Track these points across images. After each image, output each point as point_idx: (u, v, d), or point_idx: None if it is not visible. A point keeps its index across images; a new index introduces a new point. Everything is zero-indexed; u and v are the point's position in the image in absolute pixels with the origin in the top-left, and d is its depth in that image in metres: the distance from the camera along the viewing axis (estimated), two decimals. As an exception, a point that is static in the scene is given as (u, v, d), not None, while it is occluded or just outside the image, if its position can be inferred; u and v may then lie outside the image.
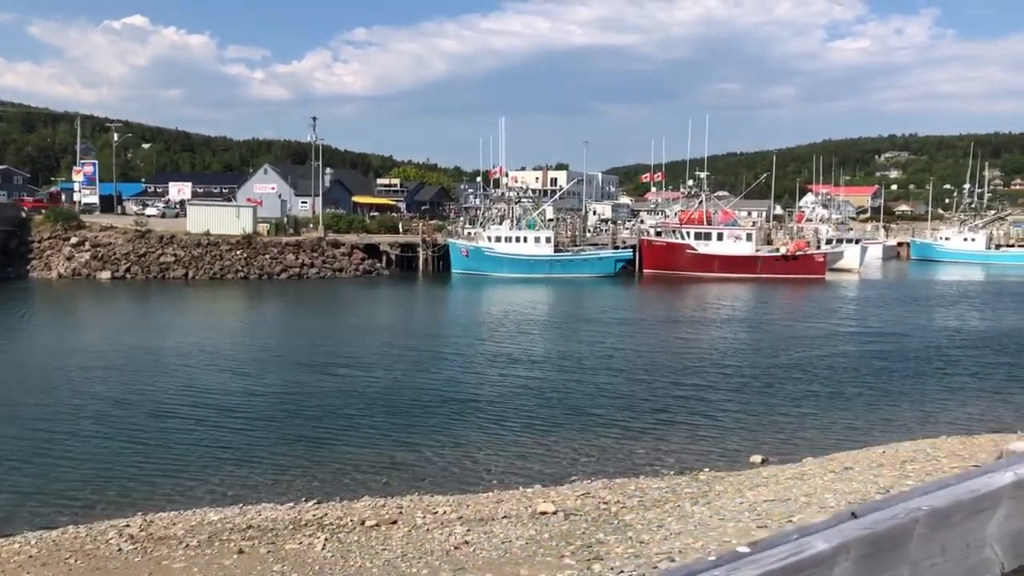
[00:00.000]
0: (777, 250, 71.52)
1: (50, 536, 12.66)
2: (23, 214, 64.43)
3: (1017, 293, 59.85)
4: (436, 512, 13.81)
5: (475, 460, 17.77)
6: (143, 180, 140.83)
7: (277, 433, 19.58)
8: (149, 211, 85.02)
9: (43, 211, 66.43)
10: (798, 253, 69.02)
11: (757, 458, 18.20)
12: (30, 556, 11.69)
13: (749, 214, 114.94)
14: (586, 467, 17.37)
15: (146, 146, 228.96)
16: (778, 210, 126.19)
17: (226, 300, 48.52)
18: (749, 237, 70.93)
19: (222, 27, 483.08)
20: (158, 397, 22.83)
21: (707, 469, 17.13)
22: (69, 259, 57.27)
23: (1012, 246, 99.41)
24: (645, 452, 18.55)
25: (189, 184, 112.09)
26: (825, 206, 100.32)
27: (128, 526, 13.03)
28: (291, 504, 14.53)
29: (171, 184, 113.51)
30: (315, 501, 14.73)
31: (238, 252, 59.83)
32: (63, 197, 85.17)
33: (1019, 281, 71.45)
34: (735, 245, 69.42)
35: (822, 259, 69.42)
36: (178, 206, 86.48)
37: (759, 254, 69.91)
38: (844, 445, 19.25)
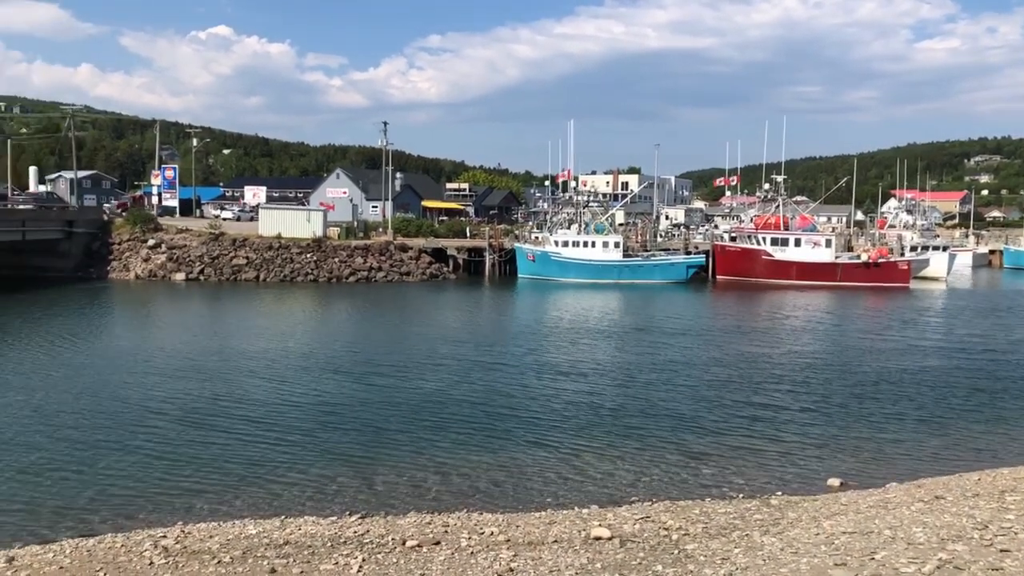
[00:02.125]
0: (858, 257, 68.56)
1: (86, 545, 12.30)
2: (105, 217, 66.47)
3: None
4: (483, 532, 12.97)
5: (529, 476, 16.87)
6: (222, 184, 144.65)
7: (329, 441, 19.08)
8: (224, 214, 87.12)
9: (124, 214, 68.43)
10: (880, 260, 65.99)
11: (835, 481, 16.84)
12: (61, 567, 11.31)
13: (828, 220, 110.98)
14: (647, 487, 16.30)
15: (226, 151, 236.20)
16: (859, 216, 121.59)
17: (294, 303, 48.84)
18: (828, 243, 68.17)
19: (302, 36, 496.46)
20: (214, 402, 22.68)
21: (779, 493, 15.88)
22: (146, 260, 58.74)
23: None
24: (712, 472, 17.35)
25: (264, 188, 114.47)
26: (910, 211, 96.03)
27: (165, 537, 12.59)
28: (334, 518, 13.91)
29: (247, 188, 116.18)
30: (359, 516, 14.07)
31: (308, 255, 60.41)
32: (145, 201, 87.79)
33: (1125, 292, 66.71)
34: (814, 251, 66.82)
35: (906, 267, 66.21)
36: (253, 210, 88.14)
37: (839, 261, 67.13)
38: (932, 470, 17.73)
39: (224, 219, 78.34)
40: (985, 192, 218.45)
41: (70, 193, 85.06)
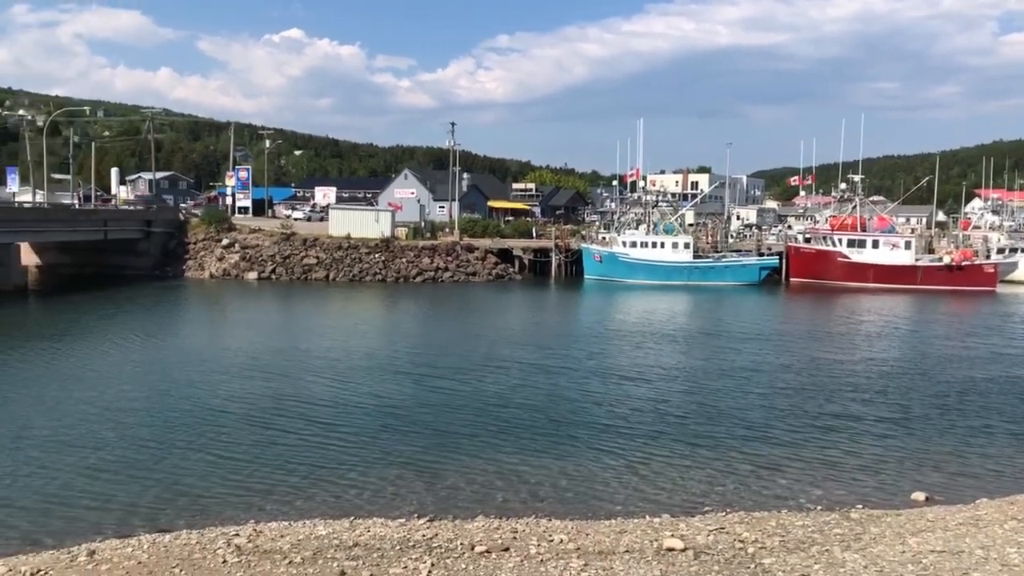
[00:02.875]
0: (940, 259, 65.96)
1: (163, 541, 12.53)
2: (181, 217, 68.54)
3: None
4: (552, 540, 12.74)
5: (597, 483, 16.56)
6: (293, 185, 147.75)
7: (396, 443, 19.11)
8: (295, 215, 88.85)
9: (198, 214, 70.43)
10: (964, 263, 63.33)
11: (920, 496, 16.07)
12: (139, 562, 11.53)
13: (908, 220, 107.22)
14: (721, 497, 15.82)
15: (297, 153, 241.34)
16: (941, 216, 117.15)
17: (362, 303, 49.47)
18: (908, 245, 65.77)
19: (372, 38, 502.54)
20: (282, 401, 22.97)
21: (859, 506, 15.23)
22: (220, 260, 60.31)
23: None
24: (787, 483, 16.75)
25: (334, 189, 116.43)
26: (996, 212, 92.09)
27: (238, 535, 12.74)
28: (403, 520, 13.88)
29: (317, 189, 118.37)
30: (427, 519, 14.01)
31: (376, 255, 61.14)
32: (219, 201, 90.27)
33: None
34: (892, 253, 64.56)
35: (992, 270, 63.39)
36: (323, 210, 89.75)
37: (919, 263, 64.70)
38: (1026, 486, 16.75)
39: (295, 219, 79.94)
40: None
41: (149, 193, 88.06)
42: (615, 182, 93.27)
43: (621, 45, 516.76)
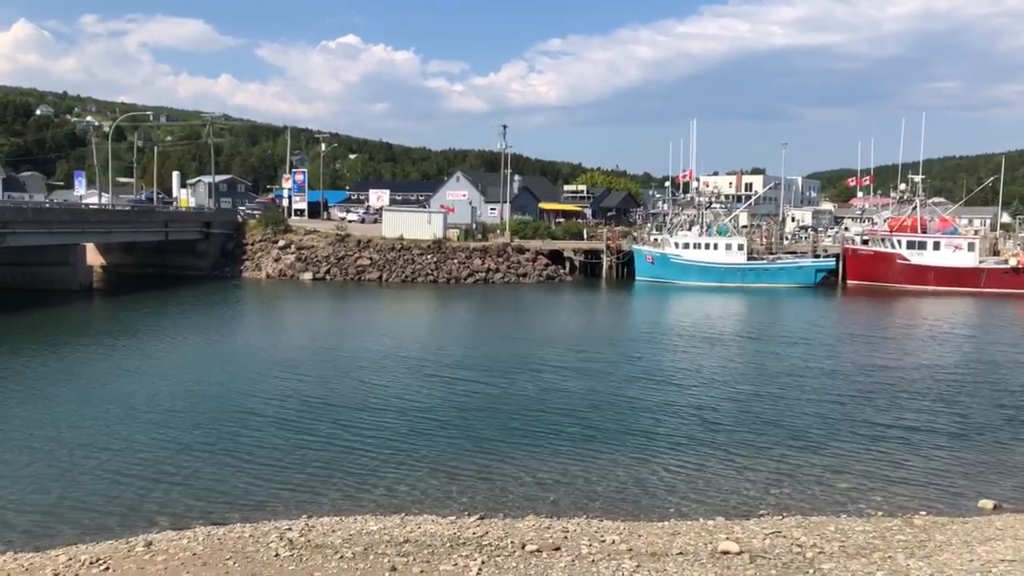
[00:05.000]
0: (1005, 262, 63.73)
1: (217, 533, 12.71)
2: (239, 218, 69.95)
3: None
4: (604, 540, 12.58)
5: (652, 483, 16.32)
6: (347, 188, 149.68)
7: (447, 441, 19.13)
8: (350, 217, 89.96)
9: (257, 215, 71.80)
10: (1031, 266, 61.09)
11: (988, 503, 15.47)
12: (194, 554, 11.71)
13: (970, 222, 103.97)
14: (777, 500, 15.46)
15: (352, 156, 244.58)
16: (1006, 218, 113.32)
17: (414, 302, 49.82)
18: (971, 247, 63.72)
19: (426, 43, 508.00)
20: (335, 398, 23.21)
21: (923, 512, 14.74)
22: (276, 260, 61.36)
23: None
24: (848, 487, 16.29)
25: (387, 192, 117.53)
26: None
27: (290, 529, 12.86)
28: (453, 518, 13.86)
29: (371, 191, 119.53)
30: (478, 516, 13.97)
31: (428, 256, 61.54)
32: (276, 203, 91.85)
33: None
34: (955, 255, 62.64)
35: (1060, 273, 61.02)
36: (376, 212, 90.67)
37: (983, 266, 62.62)
38: (1102, 494, 16.01)
39: (349, 221, 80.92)
40: None
41: (208, 196, 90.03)
42: (667, 183, 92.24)
43: (674, 47, 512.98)
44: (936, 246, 63.32)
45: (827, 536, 13.06)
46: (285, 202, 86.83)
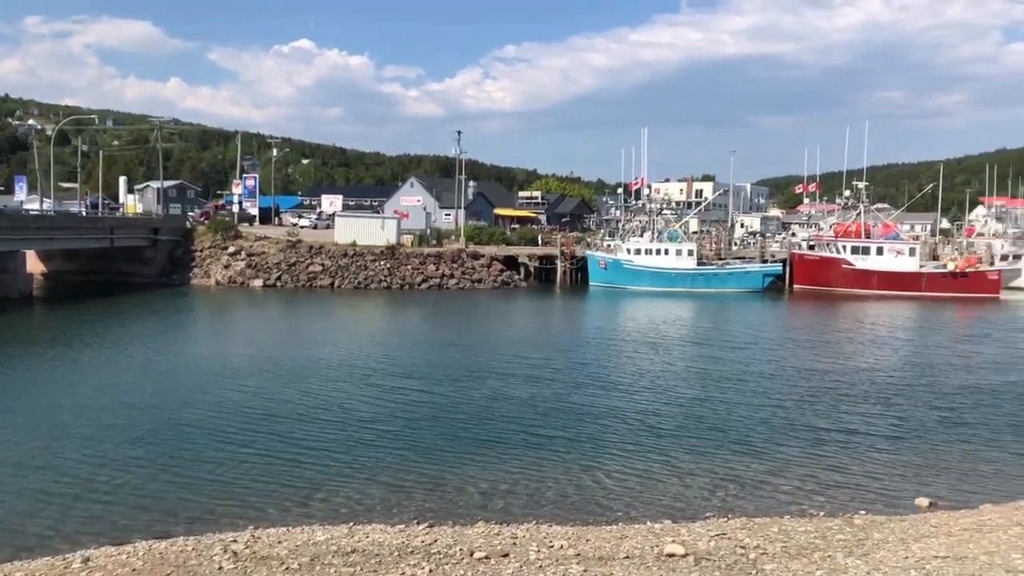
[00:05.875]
0: (944, 266, 65.71)
1: (159, 548, 12.49)
2: (188, 225, 68.78)
3: None
4: (552, 546, 12.68)
5: (600, 488, 16.49)
6: (300, 193, 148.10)
7: (396, 448, 19.07)
8: (302, 223, 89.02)
9: (206, 222, 70.65)
10: (968, 270, 63.08)
11: (923, 501, 15.96)
12: (134, 569, 11.50)
13: (912, 228, 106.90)
14: (723, 502, 15.75)
15: (305, 161, 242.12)
16: (945, 224, 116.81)
17: (366, 309, 49.50)
18: (912, 252, 65.58)
19: (380, 48, 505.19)
20: (283, 407, 22.95)
21: (863, 512, 15.13)
22: (226, 267, 60.46)
23: None
24: (790, 488, 16.66)
25: (341, 197, 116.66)
26: (999, 219, 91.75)
27: (235, 541, 12.70)
28: (401, 526, 13.84)
29: (324, 197, 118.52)
30: (427, 524, 13.97)
31: (382, 262, 61.20)
32: (226, 209, 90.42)
33: None
34: (897, 260, 64.38)
35: (996, 276, 63.13)
36: (329, 218, 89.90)
37: (924, 270, 64.50)
38: (1031, 491, 16.62)
39: (301, 227, 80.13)
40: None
41: (156, 202, 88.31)
42: (620, 190, 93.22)
43: (628, 55, 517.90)
44: (879, 251, 64.99)
45: (770, 537, 13.34)
46: (236, 207, 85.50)
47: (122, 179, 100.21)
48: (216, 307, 49.95)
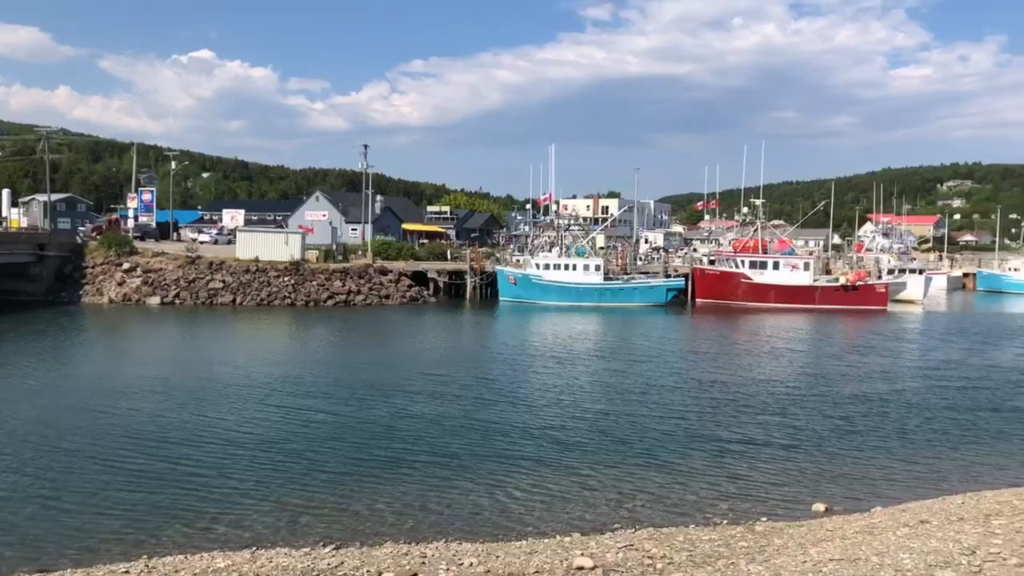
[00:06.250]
0: (836, 280, 68.96)
1: (44, 582, 11.75)
2: (79, 240, 65.55)
3: (1097, 327, 56.27)
4: (462, 564, 12.55)
5: (510, 503, 16.47)
6: (200, 208, 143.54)
7: (303, 469, 18.58)
8: (202, 237, 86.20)
9: (98, 237, 67.50)
10: (858, 283, 66.39)
11: (820, 506, 16.59)
12: (17, 605, 10.77)
13: (806, 243, 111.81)
14: (630, 513, 15.96)
15: (205, 175, 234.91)
16: (836, 239, 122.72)
17: (270, 327, 48.21)
18: (807, 266, 68.55)
19: (284, 60, 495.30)
20: (182, 429, 22.07)
21: (764, 519, 15.59)
22: (120, 284, 57.82)
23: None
24: (696, 498, 17.04)
25: (243, 211, 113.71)
26: (886, 235, 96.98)
27: (127, 572, 12.07)
28: (307, 549, 13.45)
29: (225, 211, 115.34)
30: (333, 546, 13.62)
31: (286, 278, 59.79)
32: (121, 224, 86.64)
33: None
34: (792, 275, 67.14)
35: (884, 290, 66.68)
36: (231, 233, 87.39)
37: (817, 284, 67.48)
38: (916, 493, 17.57)
39: (201, 242, 77.52)
40: (957, 216, 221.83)
41: (43, 216, 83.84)
42: (529, 206, 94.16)
43: (535, 72, 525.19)
44: (776, 266, 67.64)
45: (676, 546, 13.57)
46: (131, 222, 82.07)
47: (5, 192, 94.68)
48: (108, 326, 47.67)
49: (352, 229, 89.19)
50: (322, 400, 26.26)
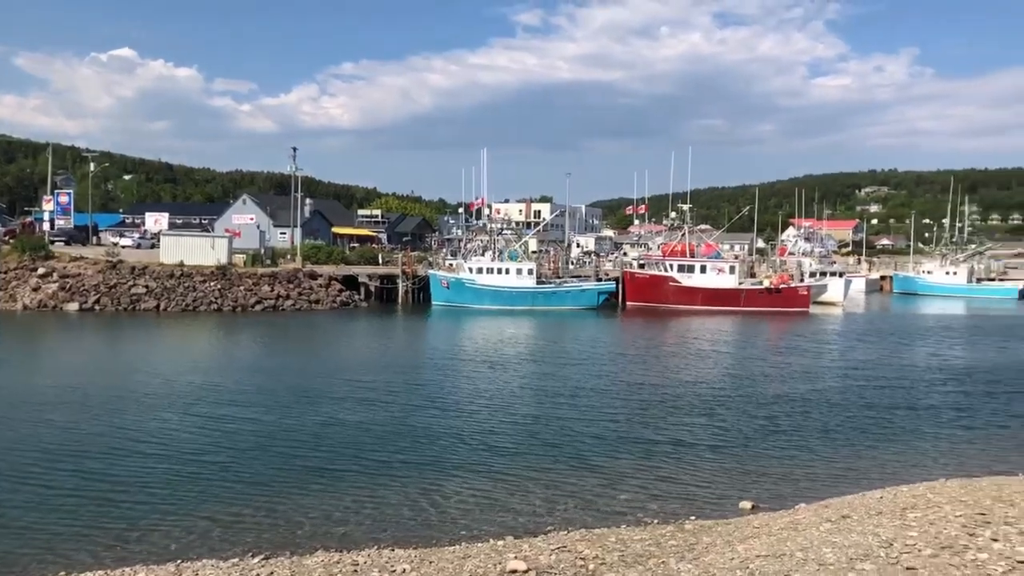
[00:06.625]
0: (761, 283, 70.89)
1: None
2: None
3: (1000, 327, 59.29)
4: (395, 570, 12.44)
5: (443, 508, 16.39)
6: (121, 211, 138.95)
7: (231, 478, 18.13)
8: (123, 242, 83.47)
9: (11, 241, 64.69)
10: (782, 286, 68.38)
11: (747, 504, 17.00)
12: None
13: (732, 247, 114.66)
14: (563, 515, 16.07)
15: (127, 177, 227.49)
16: (761, 244, 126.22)
17: (196, 333, 46.96)
18: (732, 270, 70.28)
19: (210, 60, 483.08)
20: (94, 441, 21.18)
21: (693, 517, 15.88)
22: (35, 290, 55.48)
23: (992, 280, 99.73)
24: (627, 498, 17.26)
25: (167, 215, 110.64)
26: (808, 239, 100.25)
27: (44, 590, 11.58)
28: (235, 560, 13.12)
29: (148, 215, 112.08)
30: (263, 557, 13.33)
31: (212, 283, 58.38)
32: (36, 227, 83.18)
33: (1000, 315, 71.17)
34: (718, 278, 68.73)
35: (806, 292, 68.84)
36: (154, 237, 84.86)
37: (743, 287, 69.23)
38: (838, 489, 18.11)
39: (123, 247, 75.02)
40: (875, 221, 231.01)
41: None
42: (461, 210, 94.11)
43: (467, 77, 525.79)
44: (703, 269, 69.15)
45: (608, 547, 13.72)
46: (47, 225, 78.87)
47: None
48: (20, 334, 45.67)
49: (281, 233, 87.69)
50: (247, 408, 25.62)
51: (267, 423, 23.63)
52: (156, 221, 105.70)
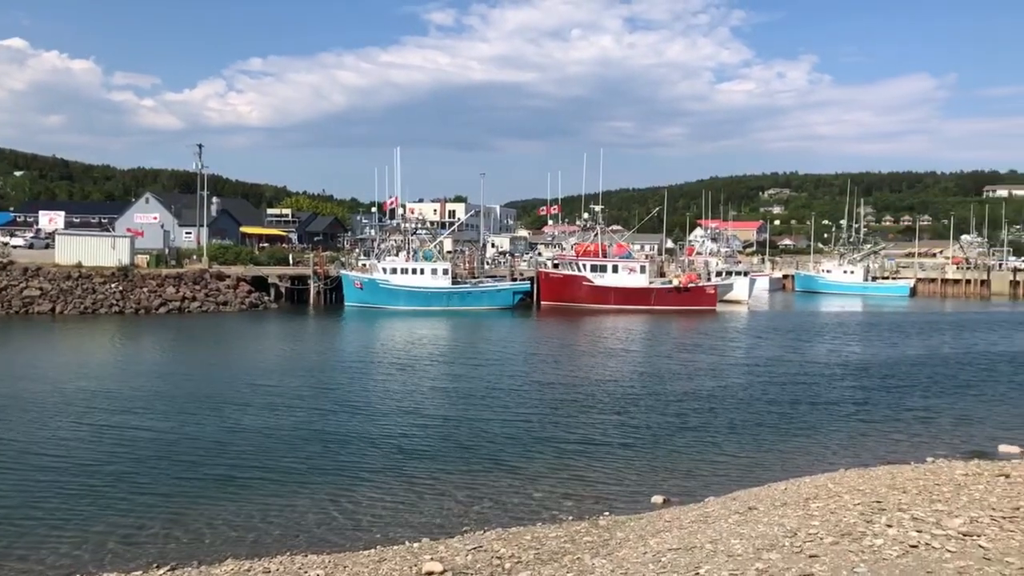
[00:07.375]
0: (670, 282, 72.64)
1: None
2: None
3: (894, 323, 62.50)
4: (308, 576, 12.20)
5: (356, 512, 16.15)
6: (12, 209, 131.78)
7: (135, 485, 17.41)
8: (15, 241, 79.28)
9: None
10: (690, 285, 70.21)
11: (659, 498, 17.37)
12: None
13: (642, 247, 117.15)
14: (479, 515, 16.07)
15: (18, 173, 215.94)
16: (670, 244, 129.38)
17: (91, 337, 44.91)
18: (643, 269, 71.78)
19: (108, 53, 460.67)
20: (-3, 448, 20.11)
21: (607, 513, 16.14)
22: (-84, 293, 52.07)
23: (887, 278, 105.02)
24: (542, 496, 17.40)
25: (63, 214, 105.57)
26: (714, 240, 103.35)
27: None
28: (139, 573, 12.62)
29: (42, 213, 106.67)
30: (168, 567, 12.86)
31: (113, 285, 55.98)
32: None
33: (894, 311, 75.09)
34: (630, 277, 70.06)
35: (713, 291, 70.88)
36: (48, 237, 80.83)
37: (653, 286, 70.77)
38: (744, 482, 18.69)
39: (14, 247, 71.20)
40: (777, 222, 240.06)
41: None
42: (374, 209, 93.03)
43: (379, 75, 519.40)
44: (615, 269, 70.38)
45: (524, 545, 13.80)
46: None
47: None
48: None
49: (186, 233, 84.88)
50: (146, 416, 24.55)
51: (168, 430, 22.74)
52: (51, 220, 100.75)
